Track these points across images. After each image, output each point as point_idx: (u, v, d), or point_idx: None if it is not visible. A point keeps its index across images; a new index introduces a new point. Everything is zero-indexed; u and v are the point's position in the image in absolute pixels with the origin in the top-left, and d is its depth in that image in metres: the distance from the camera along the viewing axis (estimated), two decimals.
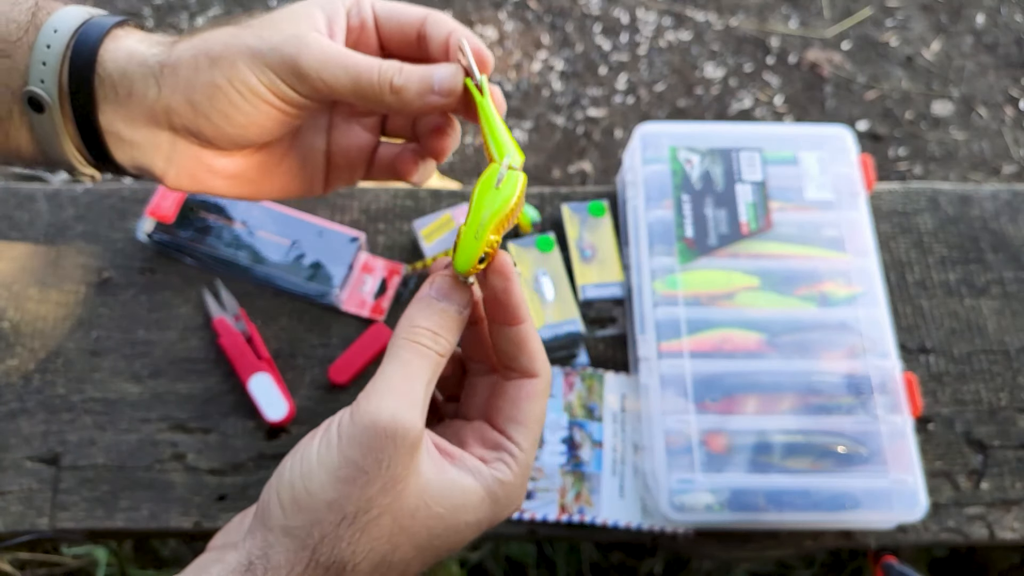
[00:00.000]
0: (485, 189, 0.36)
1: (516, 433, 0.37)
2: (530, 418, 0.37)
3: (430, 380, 0.35)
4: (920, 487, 0.65)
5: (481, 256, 0.35)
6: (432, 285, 0.36)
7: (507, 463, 0.36)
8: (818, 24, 1.82)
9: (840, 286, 0.72)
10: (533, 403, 0.38)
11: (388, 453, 0.32)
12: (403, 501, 0.33)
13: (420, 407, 0.33)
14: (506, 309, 0.36)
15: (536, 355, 0.38)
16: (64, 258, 0.77)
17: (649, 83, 1.75)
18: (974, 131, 1.71)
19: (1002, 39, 1.82)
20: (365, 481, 0.32)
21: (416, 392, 0.33)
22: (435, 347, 0.35)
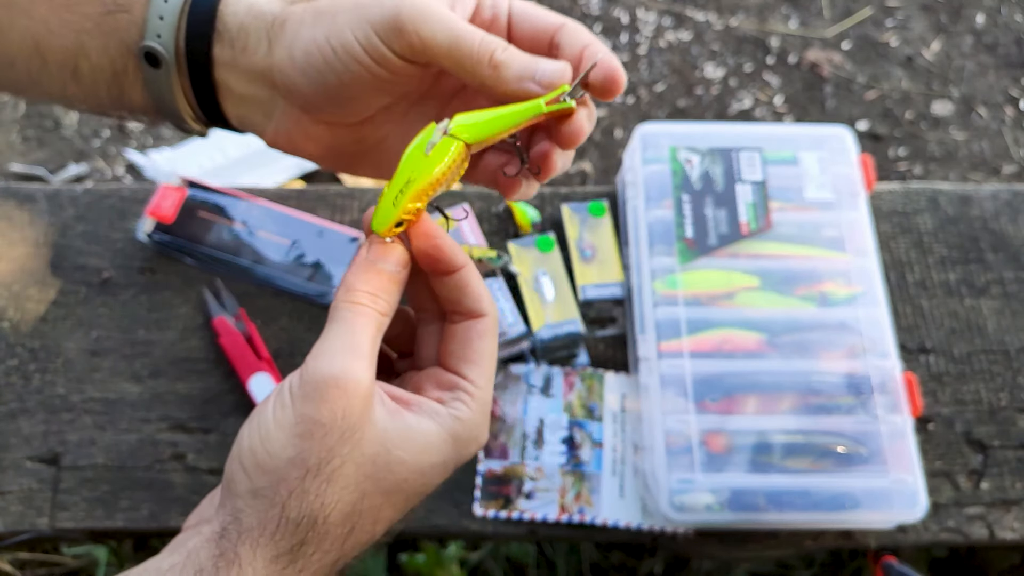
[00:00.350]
0: (415, 154, 0.35)
1: (469, 371, 0.37)
2: (482, 355, 0.37)
3: (374, 336, 0.35)
4: (920, 487, 0.65)
5: (398, 222, 0.35)
6: (368, 248, 0.36)
7: (463, 401, 0.36)
8: (818, 24, 1.82)
9: (840, 286, 0.72)
10: (483, 341, 0.38)
11: (341, 404, 0.32)
12: (363, 448, 0.33)
13: (367, 359, 0.34)
14: (440, 261, 0.37)
15: (480, 295, 0.38)
16: (64, 258, 0.77)
17: (649, 83, 1.75)
18: (974, 131, 1.71)
19: (1002, 39, 1.82)
20: (323, 433, 0.32)
21: (361, 345, 0.34)
22: (374, 306, 0.35)
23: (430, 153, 0.35)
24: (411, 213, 0.35)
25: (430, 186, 0.35)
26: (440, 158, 0.35)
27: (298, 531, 0.32)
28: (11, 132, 1.65)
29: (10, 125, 1.66)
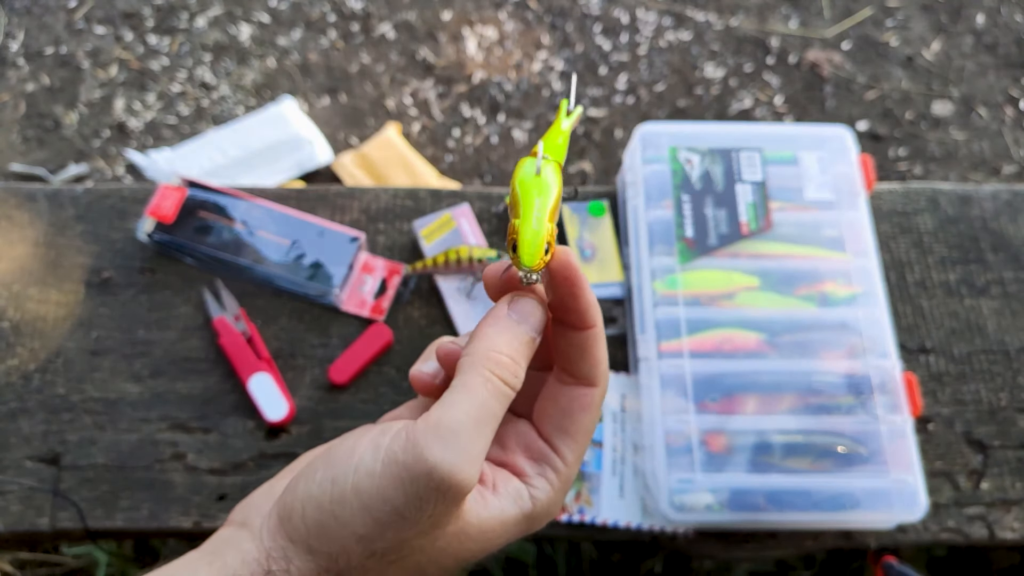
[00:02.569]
0: (528, 178, 0.33)
1: (563, 445, 0.34)
2: (580, 430, 0.35)
3: (499, 420, 0.31)
4: (920, 487, 0.65)
5: (545, 245, 0.31)
6: (512, 305, 0.33)
7: (548, 479, 0.34)
8: (818, 24, 1.82)
9: (840, 286, 0.72)
10: (586, 415, 0.35)
11: (433, 503, 0.29)
12: (438, 542, 0.31)
13: (482, 458, 0.30)
14: (575, 312, 0.33)
15: (599, 363, 0.35)
16: (64, 258, 0.77)
17: (649, 83, 1.75)
18: (974, 131, 1.71)
19: (1002, 39, 1.82)
20: (401, 526, 0.29)
21: (482, 443, 0.30)
22: (513, 382, 0.31)
23: (542, 174, 0.33)
24: (553, 236, 0.32)
25: (556, 202, 0.33)
26: (558, 174, 0.33)
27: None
28: (11, 132, 1.65)
29: (10, 125, 1.66)
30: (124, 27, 1.78)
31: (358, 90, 1.72)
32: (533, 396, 0.37)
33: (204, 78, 1.72)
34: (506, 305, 0.33)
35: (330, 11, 1.81)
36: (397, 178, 1.57)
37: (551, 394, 0.35)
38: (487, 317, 0.33)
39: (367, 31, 1.79)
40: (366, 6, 1.81)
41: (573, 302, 0.33)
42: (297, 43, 1.77)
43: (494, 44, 1.78)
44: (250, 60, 1.74)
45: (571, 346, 0.34)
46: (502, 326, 0.32)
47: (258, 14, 1.80)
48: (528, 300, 0.33)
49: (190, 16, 1.79)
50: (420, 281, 0.77)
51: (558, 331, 0.34)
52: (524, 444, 0.35)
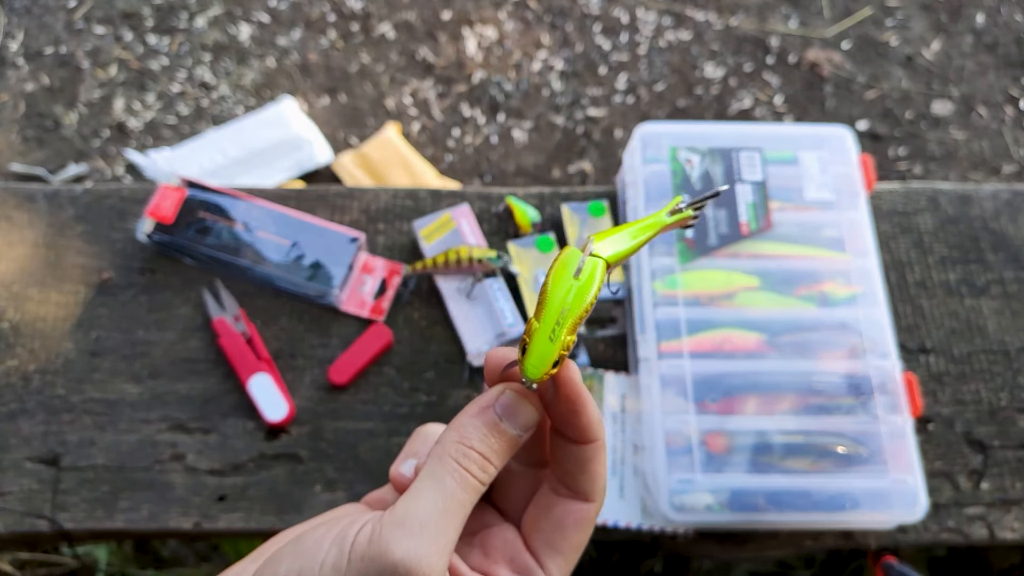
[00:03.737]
0: (561, 277, 0.30)
1: (551, 562, 0.33)
2: (571, 548, 0.33)
3: (468, 512, 0.30)
4: (920, 487, 0.65)
5: (555, 360, 0.30)
6: (499, 400, 0.32)
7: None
8: (818, 24, 1.82)
9: (840, 286, 0.72)
10: (579, 532, 0.33)
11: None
12: None
13: (448, 551, 0.29)
14: (575, 428, 0.32)
15: (598, 478, 0.33)
16: (64, 258, 0.77)
17: (649, 83, 1.75)
18: (974, 131, 1.71)
19: (1002, 39, 1.82)
20: None
21: (450, 534, 0.29)
22: (482, 477, 0.31)
23: (580, 276, 0.31)
24: (568, 348, 0.30)
25: (584, 313, 0.30)
26: (592, 280, 0.31)
27: None
28: (11, 132, 1.65)
29: (10, 125, 1.66)
30: (124, 27, 1.78)
31: (358, 90, 1.72)
32: (524, 499, 0.35)
33: (204, 78, 1.72)
34: (493, 397, 0.32)
35: (330, 11, 1.81)
36: (397, 178, 1.57)
37: (544, 503, 0.34)
38: (469, 405, 0.32)
39: (367, 31, 1.79)
40: (366, 6, 1.81)
41: (574, 418, 0.32)
42: (297, 43, 1.77)
43: (494, 44, 1.78)
44: (250, 60, 1.74)
45: (570, 459, 0.33)
46: (481, 419, 0.31)
47: (258, 14, 1.80)
48: (517, 398, 0.32)
49: (190, 16, 1.79)
50: (420, 281, 0.77)
51: (557, 442, 0.33)
52: (509, 555, 0.34)
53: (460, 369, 0.74)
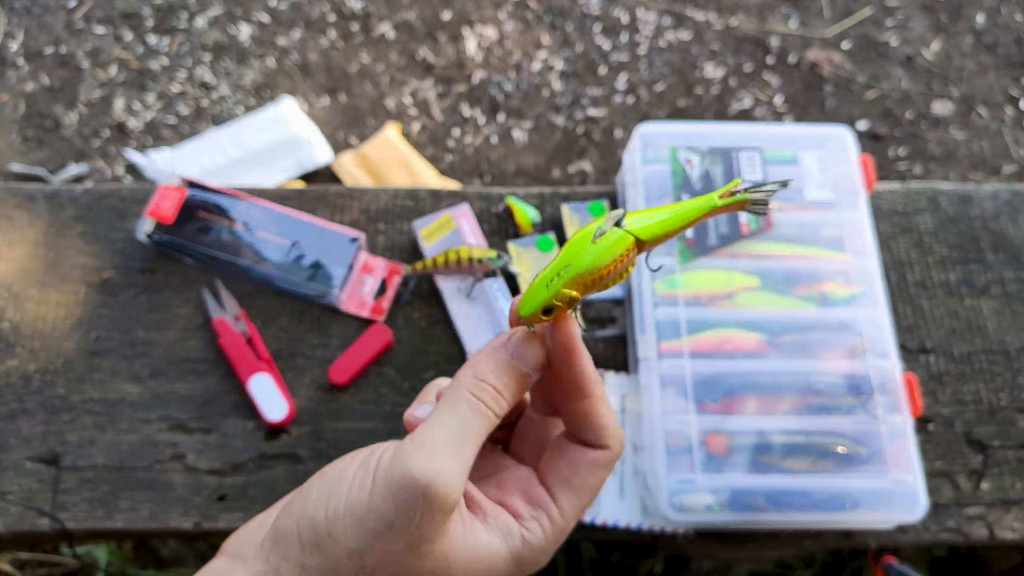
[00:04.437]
0: (579, 240, 0.32)
1: (563, 496, 0.34)
2: (584, 487, 0.34)
3: (483, 439, 0.33)
4: (920, 487, 0.65)
5: (547, 307, 0.32)
6: (510, 339, 0.34)
7: (542, 525, 0.33)
8: (818, 24, 1.82)
9: (840, 286, 0.72)
10: (592, 473, 0.34)
11: (421, 513, 0.30)
12: (424, 562, 0.31)
13: (465, 472, 0.31)
14: (568, 382, 0.34)
15: (603, 430, 0.34)
16: (64, 258, 0.77)
17: (649, 83, 1.75)
18: (974, 131, 1.71)
19: (1002, 39, 1.82)
20: (391, 537, 0.30)
21: (465, 455, 0.31)
22: (495, 407, 0.33)
23: (597, 241, 0.32)
24: (563, 300, 0.32)
25: (589, 275, 0.32)
26: (607, 248, 0.32)
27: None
28: (11, 132, 1.65)
29: (10, 125, 1.66)
30: (124, 27, 1.78)
31: (358, 90, 1.72)
32: (541, 445, 0.37)
33: (204, 78, 1.72)
34: (504, 337, 0.34)
35: (330, 11, 1.81)
36: (397, 178, 1.57)
37: (560, 446, 0.36)
38: (485, 346, 0.34)
39: (367, 31, 1.79)
40: (366, 6, 1.81)
41: (568, 371, 0.34)
42: (297, 43, 1.77)
43: (494, 44, 1.78)
44: (250, 60, 1.74)
45: (573, 415, 0.35)
46: (493, 356, 0.34)
47: (258, 14, 1.80)
48: (525, 339, 0.34)
49: (190, 16, 1.79)
50: (420, 281, 0.77)
51: (561, 398, 0.35)
52: (523, 489, 0.35)
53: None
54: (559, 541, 0.34)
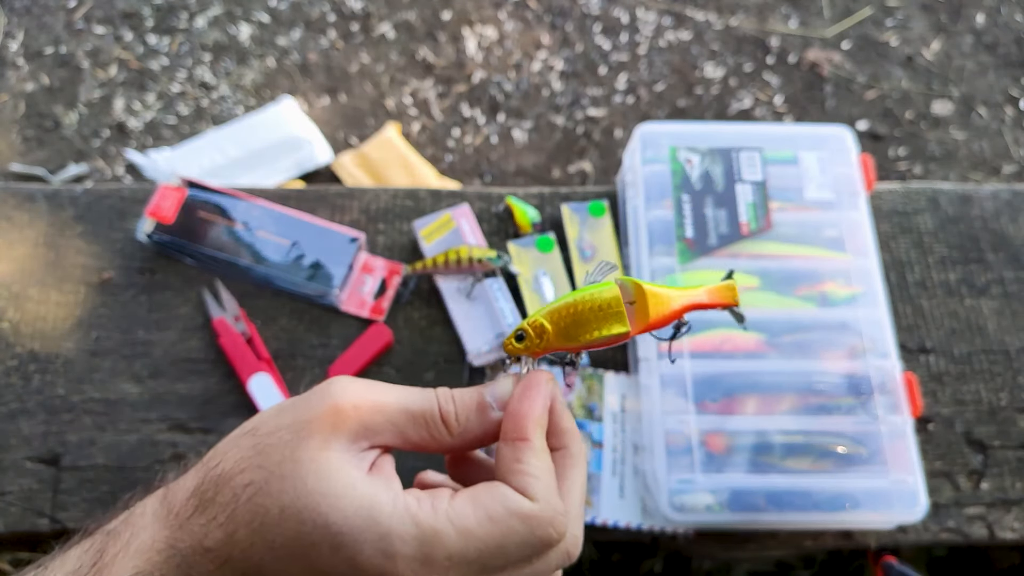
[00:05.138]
0: (585, 285, 0.35)
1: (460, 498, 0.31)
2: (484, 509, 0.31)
3: (411, 418, 0.33)
4: (920, 487, 0.65)
5: (519, 334, 0.34)
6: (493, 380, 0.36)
7: (420, 501, 0.30)
8: (818, 24, 1.82)
9: (840, 286, 0.72)
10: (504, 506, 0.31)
11: (317, 397, 0.32)
12: (298, 449, 0.31)
13: (377, 408, 0.32)
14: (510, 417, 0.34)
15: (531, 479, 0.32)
16: (64, 258, 0.77)
17: (649, 83, 1.75)
18: (974, 131, 1.71)
19: (1002, 39, 1.82)
20: (288, 411, 0.32)
21: (386, 399, 0.33)
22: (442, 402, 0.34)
23: (595, 289, 0.34)
24: (535, 328, 0.34)
25: (566, 309, 0.34)
26: (588, 288, 0.34)
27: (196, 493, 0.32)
28: (11, 132, 1.65)
29: (10, 125, 1.66)
30: (124, 27, 1.78)
31: (358, 90, 1.72)
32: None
33: (204, 78, 1.72)
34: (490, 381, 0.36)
35: (330, 11, 1.81)
36: (397, 178, 1.57)
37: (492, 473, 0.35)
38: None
39: (367, 31, 1.79)
40: (366, 6, 1.81)
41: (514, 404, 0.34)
42: (297, 43, 1.77)
43: (494, 44, 1.78)
44: (250, 60, 1.74)
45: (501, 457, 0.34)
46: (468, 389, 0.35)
47: (258, 14, 1.80)
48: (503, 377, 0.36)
49: (190, 16, 1.79)
50: (420, 281, 0.77)
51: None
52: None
53: (460, 369, 0.74)
54: (428, 539, 0.30)
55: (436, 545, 0.29)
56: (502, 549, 0.30)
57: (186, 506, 0.32)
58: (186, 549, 0.31)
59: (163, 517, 0.32)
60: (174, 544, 0.31)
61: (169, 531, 0.31)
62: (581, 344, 0.34)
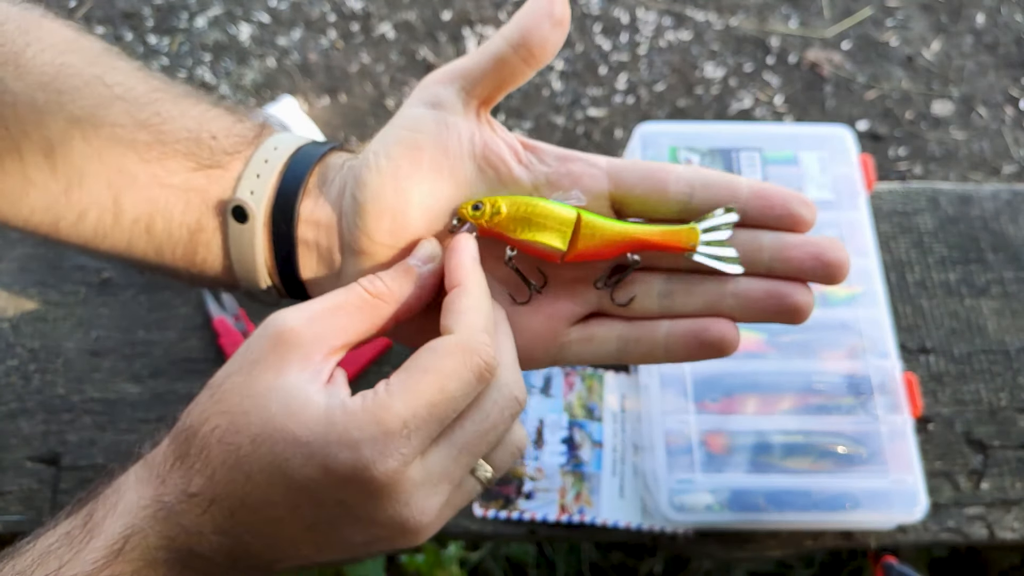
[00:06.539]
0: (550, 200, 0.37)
1: (395, 376, 0.32)
2: (417, 367, 0.32)
3: (344, 310, 0.34)
4: (920, 487, 0.65)
5: (476, 204, 0.36)
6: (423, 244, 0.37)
7: (364, 396, 0.31)
8: (818, 24, 1.82)
9: (840, 286, 0.72)
10: (431, 354, 0.32)
11: (257, 338, 0.33)
12: (253, 385, 0.32)
13: (312, 317, 0.33)
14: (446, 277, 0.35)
15: (456, 315, 0.33)
16: (64, 258, 0.77)
17: (649, 83, 1.75)
18: (974, 131, 1.71)
19: (1002, 39, 1.82)
20: (232, 359, 0.34)
21: (315, 308, 0.34)
22: (365, 284, 0.34)
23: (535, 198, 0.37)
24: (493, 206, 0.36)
25: (524, 203, 0.36)
26: (552, 202, 0.36)
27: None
28: None
29: None
30: (124, 27, 1.78)
31: (358, 90, 1.72)
32: None
33: (204, 78, 1.72)
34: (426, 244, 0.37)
35: (330, 11, 1.81)
36: None
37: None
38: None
39: (367, 31, 1.79)
40: (366, 6, 1.81)
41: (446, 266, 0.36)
42: (297, 43, 1.77)
43: None
44: (250, 60, 1.74)
45: (442, 309, 0.35)
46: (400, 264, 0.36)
47: (258, 14, 1.80)
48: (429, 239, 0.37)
49: (190, 16, 1.79)
50: None
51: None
52: None
53: None
54: (379, 416, 0.30)
55: (388, 419, 0.30)
56: (444, 392, 0.31)
57: (164, 464, 0.34)
58: (171, 501, 0.32)
59: (145, 477, 0.34)
60: (159, 498, 0.33)
61: (152, 488, 0.33)
62: (519, 240, 0.36)
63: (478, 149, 0.37)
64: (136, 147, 0.38)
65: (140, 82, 0.39)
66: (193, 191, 0.39)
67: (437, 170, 0.37)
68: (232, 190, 0.38)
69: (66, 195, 0.38)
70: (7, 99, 0.37)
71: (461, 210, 0.36)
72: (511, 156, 0.38)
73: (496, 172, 0.38)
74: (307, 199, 0.39)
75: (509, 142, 0.38)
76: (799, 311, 0.36)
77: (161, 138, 0.38)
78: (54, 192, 0.38)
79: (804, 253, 0.35)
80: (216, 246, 0.40)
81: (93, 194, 0.38)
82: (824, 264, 0.35)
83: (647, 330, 0.37)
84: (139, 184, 0.38)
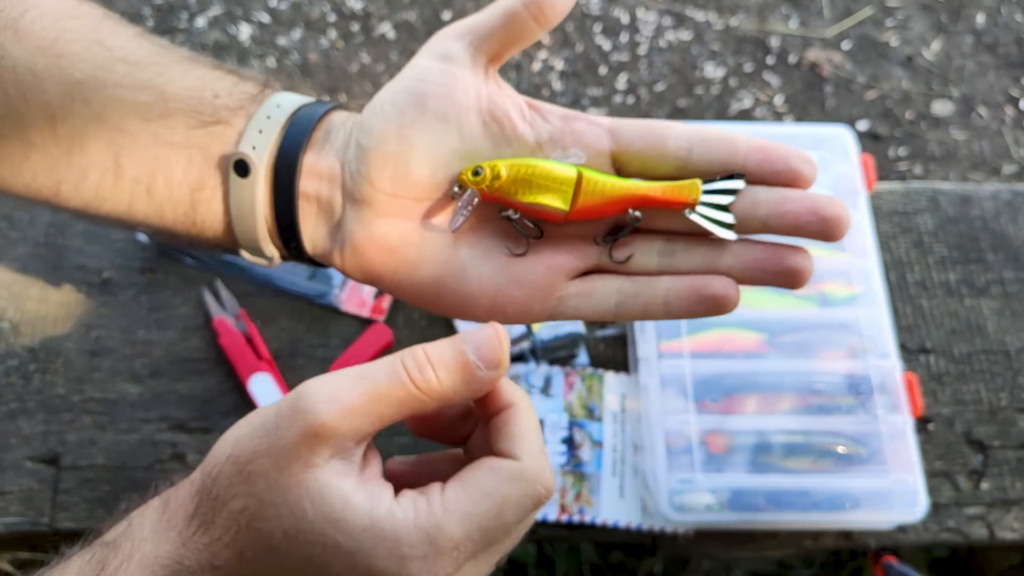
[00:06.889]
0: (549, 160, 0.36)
1: (451, 489, 0.31)
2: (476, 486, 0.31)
3: (385, 402, 0.31)
4: (920, 487, 0.65)
5: (476, 170, 0.36)
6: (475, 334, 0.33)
7: (416, 506, 0.30)
8: (818, 24, 1.82)
9: (840, 286, 0.72)
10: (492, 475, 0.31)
11: (286, 421, 0.30)
12: (280, 477, 0.30)
13: (349, 410, 0.30)
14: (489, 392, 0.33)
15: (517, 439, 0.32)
16: (64, 258, 0.77)
17: (649, 83, 1.75)
18: (974, 131, 1.71)
19: (1002, 39, 1.82)
20: (265, 440, 0.30)
21: (353, 398, 0.30)
22: (414, 374, 0.31)
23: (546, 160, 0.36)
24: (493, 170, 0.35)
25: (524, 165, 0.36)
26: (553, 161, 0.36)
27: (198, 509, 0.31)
28: None
29: None
30: None
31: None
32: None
33: None
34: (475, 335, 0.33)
35: (330, 11, 1.81)
36: None
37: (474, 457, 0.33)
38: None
39: (367, 31, 1.79)
40: (366, 6, 1.81)
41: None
42: (297, 43, 1.77)
43: None
44: (250, 60, 1.74)
45: (492, 427, 0.33)
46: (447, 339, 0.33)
47: (258, 14, 1.80)
48: (491, 333, 0.33)
49: (190, 16, 1.79)
50: None
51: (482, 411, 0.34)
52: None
53: None
54: (432, 536, 0.30)
55: (441, 539, 0.29)
56: (501, 518, 0.31)
57: (187, 526, 0.31)
58: (193, 566, 0.31)
59: (164, 531, 0.32)
60: (180, 560, 0.31)
61: (172, 547, 0.31)
62: (520, 203, 0.36)
63: (484, 104, 0.37)
64: (137, 107, 0.37)
65: (141, 46, 0.39)
66: (195, 148, 0.38)
67: (442, 120, 0.37)
68: (234, 145, 0.38)
69: (67, 157, 0.38)
70: (6, 63, 0.36)
71: (461, 176, 0.36)
72: (516, 113, 0.38)
73: (501, 128, 0.37)
74: (310, 151, 0.38)
75: (515, 100, 0.38)
76: (798, 273, 0.35)
77: (163, 97, 0.38)
78: (55, 154, 0.38)
79: (802, 208, 0.35)
80: (217, 203, 0.39)
81: (94, 155, 0.38)
82: (822, 219, 0.35)
83: (647, 285, 0.37)
84: (140, 143, 0.38)
